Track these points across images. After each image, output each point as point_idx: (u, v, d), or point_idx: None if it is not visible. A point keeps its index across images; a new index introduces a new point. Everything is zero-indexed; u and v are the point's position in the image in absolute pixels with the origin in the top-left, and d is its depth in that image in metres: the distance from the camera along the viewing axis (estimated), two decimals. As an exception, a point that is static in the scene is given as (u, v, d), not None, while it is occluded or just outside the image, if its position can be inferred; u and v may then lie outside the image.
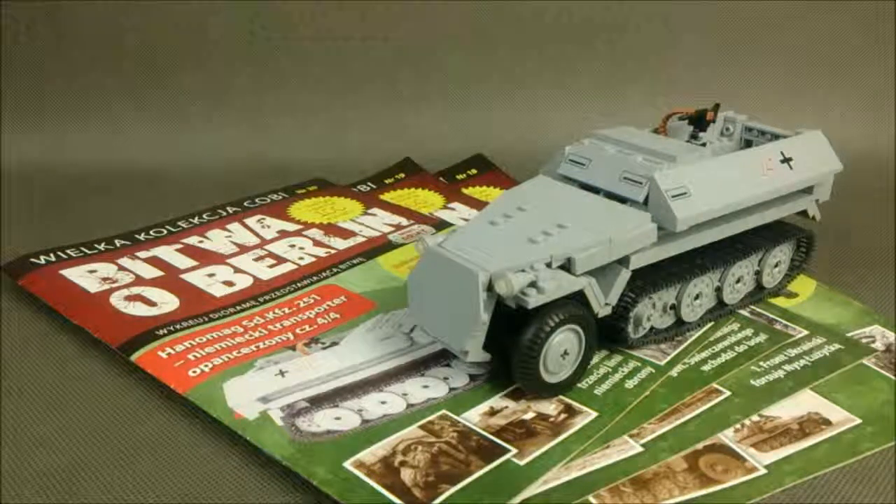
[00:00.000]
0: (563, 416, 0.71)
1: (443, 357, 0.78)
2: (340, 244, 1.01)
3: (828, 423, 0.71)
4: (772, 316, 0.86)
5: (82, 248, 0.99)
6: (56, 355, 0.82)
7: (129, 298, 0.88)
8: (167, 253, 0.99)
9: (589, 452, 0.67)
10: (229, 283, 0.92)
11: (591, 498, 0.63)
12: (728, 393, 0.74)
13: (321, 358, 0.78)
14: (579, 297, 0.71)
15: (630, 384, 0.75)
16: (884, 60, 1.33)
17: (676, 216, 0.74)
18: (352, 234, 1.03)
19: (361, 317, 0.85)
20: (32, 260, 0.96)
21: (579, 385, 0.74)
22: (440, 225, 1.06)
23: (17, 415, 0.73)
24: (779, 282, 0.89)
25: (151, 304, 0.87)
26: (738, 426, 0.70)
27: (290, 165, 1.27)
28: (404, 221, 1.07)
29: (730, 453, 0.68)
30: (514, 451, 0.66)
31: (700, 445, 0.68)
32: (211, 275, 0.94)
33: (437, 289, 0.72)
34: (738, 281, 0.85)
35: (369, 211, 1.10)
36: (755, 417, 0.72)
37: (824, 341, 0.82)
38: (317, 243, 1.01)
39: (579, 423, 0.70)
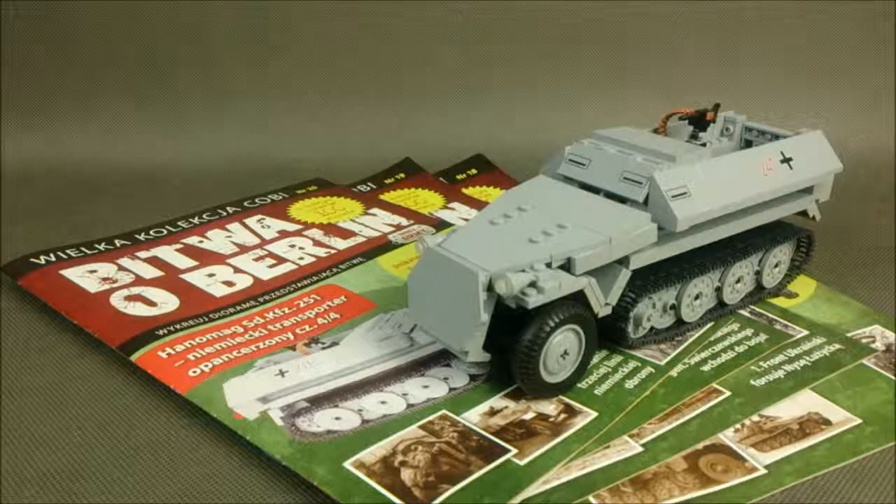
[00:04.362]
0: (563, 416, 0.71)
1: (443, 357, 0.78)
2: (340, 244, 1.01)
3: (828, 423, 0.71)
4: (772, 316, 0.86)
5: (82, 248, 1.00)
6: (56, 355, 0.82)
7: (129, 298, 0.88)
8: (167, 253, 0.99)
9: (589, 452, 0.67)
10: (229, 283, 0.92)
11: (591, 498, 0.63)
12: (728, 393, 0.74)
13: (321, 358, 0.78)
14: (579, 297, 0.71)
15: (630, 384, 0.75)
16: (884, 60, 1.33)
17: (676, 216, 0.74)
18: (352, 234, 1.03)
19: (361, 317, 0.85)
20: (32, 260, 0.96)
21: (579, 385, 0.74)
22: (440, 225, 1.06)
23: (17, 415, 0.73)
24: (779, 282, 0.89)
25: (151, 304, 0.87)
26: (738, 426, 0.70)
27: (290, 165, 1.28)
28: (404, 221, 1.07)
29: (730, 453, 0.68)
30: (514, 451, 0.66)
31: (700, 445, 0.68)
32: (211, 275, 0.94)
33: (437, 289, 0.72)
34: (738, 281, 0.85)
35: (369, 211, 1.10)
36: (755, 417, 0.72)
37: (824, 341, 0.82)
38: (317, 243, 1.01)
39: (579, 423, 0.70)
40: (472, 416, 0.70)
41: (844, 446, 0.69)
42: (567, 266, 0.71)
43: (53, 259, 0.96)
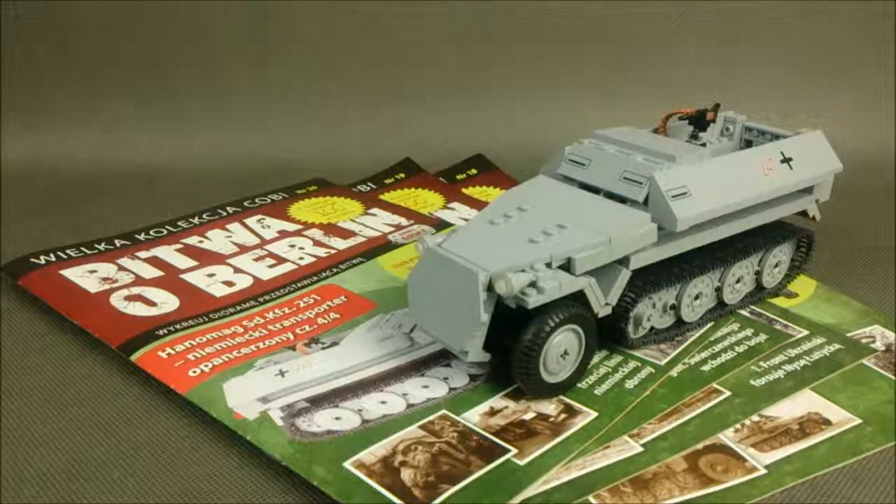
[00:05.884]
0: (563, 416, 0.71)
1: (443, 357, 0.78)
2: (340, 244, 1.01)
3: (828, 423, 0.71)
4: (772, 316, 0.86)
5: (82, 248, 1.00)
6: (56, 355, 0.82)
7: (129, 298, 0.88)
8: (167, 253, 0.99)
9: (589, 452, 0.67)
10: (229, 283, 0.92)
11: (591, 498, 0.63)
12: (728, 393, 0.74)
13: (321, 358, 0.78)
14: (579, 297, 0.71)
15: (630, 384, 0.75)
16: (884, 60, 1.34)
17: (676, 216, 0.74)
18: (352, 234, 1.03)
19: (361, 317, 0.85)
20: (32, 260, 0.96)
21: (579, 385, 0.74)
22: (440, 225, 1.06)
23: (17, 415, 0.73)
24: (779, 282, 0.89)
25: (151, 304, 0.87)
26: (738, 426, 0.70)
27: (290, 165, 1.28)
28: (404, 221, 1.07)
29: (730, 453, 0.68)
30: (514, 451, 0.66)
31: (700, 445, 0.68)
32: (211, 275, 0.94)
33: (437, 289, 0.72)
34: (738, 281, 0.85)
35: (369, 211, 1.10)
36: (755, 417, 0.72)
37: (824, 341, 0.82)
38: (317, 243, 1.01)
39: (579, 423, 0.70)
40: (472, 416, 0.70)
41: (844, 446, 0.69)
42: (567, 266, 0.71)
43: (53, 259, 0.96)
